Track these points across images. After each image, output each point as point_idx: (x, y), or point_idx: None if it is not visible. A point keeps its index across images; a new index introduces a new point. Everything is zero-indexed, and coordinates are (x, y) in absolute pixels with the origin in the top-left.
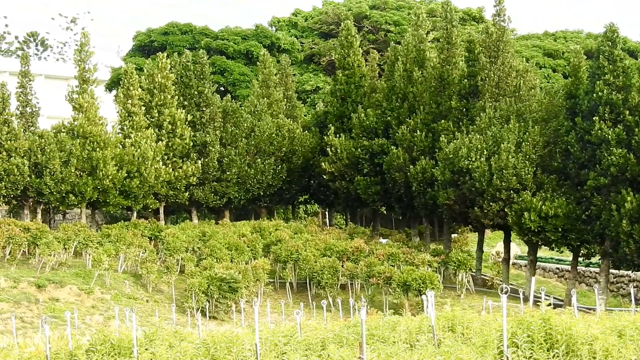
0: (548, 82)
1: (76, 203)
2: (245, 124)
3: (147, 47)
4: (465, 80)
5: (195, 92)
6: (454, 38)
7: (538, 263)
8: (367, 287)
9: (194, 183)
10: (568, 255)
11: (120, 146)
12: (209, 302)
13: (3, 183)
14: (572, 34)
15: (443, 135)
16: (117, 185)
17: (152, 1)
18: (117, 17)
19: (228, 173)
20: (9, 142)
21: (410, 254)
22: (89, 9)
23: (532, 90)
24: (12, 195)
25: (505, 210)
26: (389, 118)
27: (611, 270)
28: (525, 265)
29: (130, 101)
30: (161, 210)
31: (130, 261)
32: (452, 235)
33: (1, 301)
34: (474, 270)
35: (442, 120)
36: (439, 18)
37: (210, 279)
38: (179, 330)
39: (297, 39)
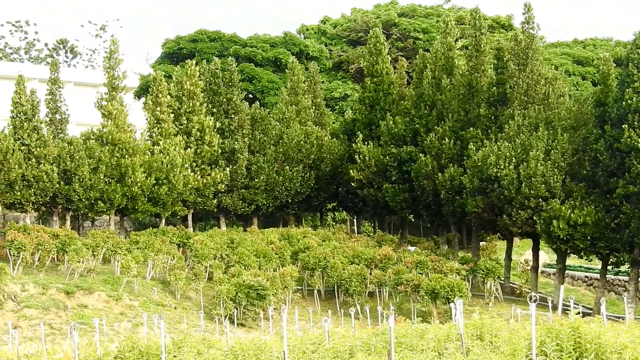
0: (577, 90)
1: (105, 210)
2: (274, 131)
3: (175, 55)
4: (494, 87)
5: (224, 100)
6: (482, 45)
7: (567, 271)
8: (395, 295)
9: (222, 190)
10: (597, 264)
11: (149, 153)
12: (237, 309)
13: (32, 190)
14: (602, 41)
15: (471, 143)
16: (145, 192)
17: (180, 9)
18: (146, 24)
19: (256, 180)
20: (38, 148)
21: (438, 262)
22: (118, 16)
23: (561, 97)
24: (41, 202)
25: (534, 218)
26: (417, 125)
27: None
28: (554, 274)
29: (159, 108)
30: (189, 217)
31: (158, 268)
32: (481, 243)
33: (30, 307)
34: (502, 279)
35: (471, 128)
36: (467, 26)
37: (238, 286)
38: (207, 338)
39: (326, 46)
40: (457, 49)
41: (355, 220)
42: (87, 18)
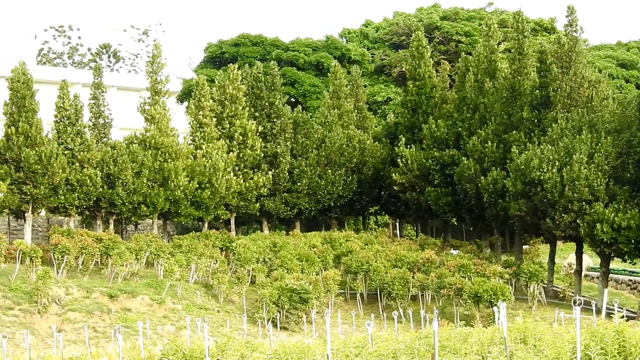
0: (621, 93)
1: (148, 214)
2: (316, 135)
3: (218, 59)
4: (537, 90)
5: (266, 103)
6: (525, 48)
7: (610, 275)
8: (438, 299)
9: (265, 194)
10: None
11: (192, 157)
12: (279, 312)
13: (76, 194)
14: None
15: (514, 146)
16: (188, 196)
17: (222, 12)
18: (188, 29)
19: (299, 184)
20: (82, 153)
21: (481, 265)
22: (160, 21)
23: (605, 100)
24: (85, 206)
25: (577, 221)
26: (459, 129)
27: None
28: (598, 277)
29: (201, 112)
30: (232, 221)
31: (201, 272)
32: (524, 247)
33: (74, 311)
34: (546, 282)
35: (514, 131)
36: (510, 29)
37: (281, 289)
38: (250, 341)
39: (368, 50)
40: (500, 52)
41: (397, 223)
42: (130, 23)
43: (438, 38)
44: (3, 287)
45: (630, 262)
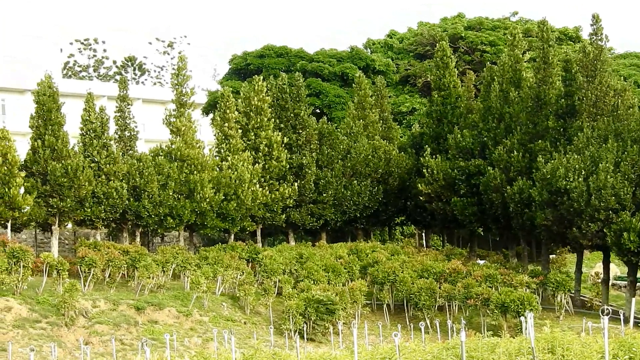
0: None
1: (174, 226)
2: (341, 146)
3: (243, 70)
4: (562, 99)
5: (292, 115)
6: (550, 58)
7: (638, 284)
8: (465, 309)
9: (291, 205)
10: None
11: (217, 169)
12: (306, 324)
13: (102, 206)
14: None
15: (540, 156)
16: (214, 208)
17: (247, 25)
18: (213, 41)
19: (324, 195)
20: (108, 165)
21: (508, 275)
22: (185, 33)
23: (631, 109)
24: (111, 219)
25: (604, 230)
26: (485, 138)
27: None
28: (625, 286)
29: (226, 124)
30: (258, 233)
31: (227, 283)
32: (550, 256)
33: (101, 323)
34: (573, 291)
35: (539, 140)
36: (535, 38)
37: (307, 300)
38: (278, 352)
39: (393, 60)
40: (525, 61)
41: (423, 234)
42: (155, 35)
43: (463, 48)
44: (30, 300)
45: None
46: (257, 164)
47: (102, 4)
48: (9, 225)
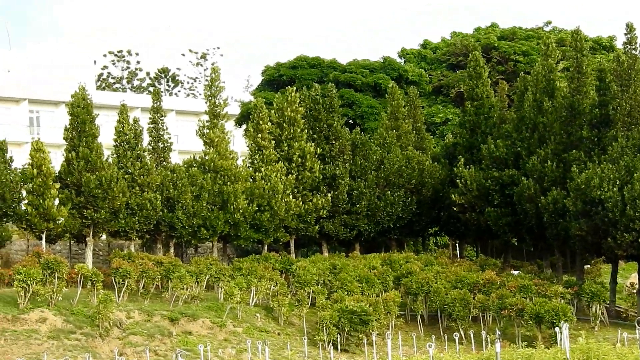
0: None
1: (208, 237)
2: (375, 157)
3: (275, 81)
4: (597, 109)
5: (325, 125)
6: (584, 67)
7: None
8: (499, 320)
9: (324, 216)
10: None
11: (251, 180)
12: (340, 334)
13: (136, 217)
14: None
15: (574, 165)
16: (248, 219)
17: (280, 36)
18: (245, 52)
19: (358, 205)
20: (142, 177)
21: (542, 286)
22: (218, 44)
23: None
24: (145, 230)
25: (639, 240)
26: (518, 149)
27: None
28: None
29: (260, 135)
30: (292, 243)
31: (261, 294)
32: (585, 267)
33: (135, 334)
34: (608, 302)
35: (573, 150)
36: (568, 47)
37: (341, 311)
38: None
39: (426, 70)
40: (559, 71)
41: (457, 244)
42: (188, 47)
43: (496, 58)
44: (65, 311)
45: None
46: (290, 175)
47: (137, 17)
48: (43, 236)
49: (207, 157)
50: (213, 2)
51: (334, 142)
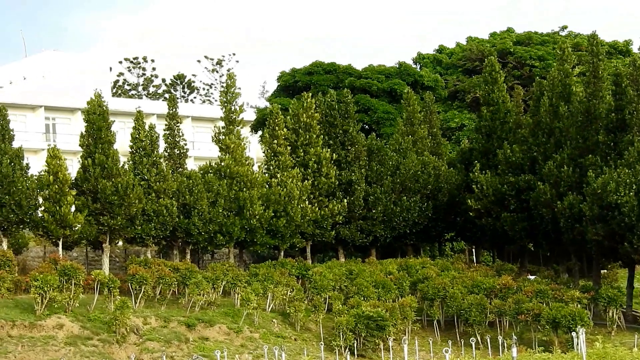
0: None
1: (224, 243)
2: (391, 162)
3: (291, 87)
4: (613, 114)
5: (340, 131)
6: (600, 72)
7: None
8: (516, 324)
9: (340, 221)
10: None
11: (267, 186)
12: (356, 340)
13: (153, 224)
14: None
15: (590, 170)
16: (264, 225)
17: (295, 42)
18: (261, 58)
19: (374, 211)
20: (158, 183)
21: (559, 291)
22: (233, 50)
23: None
24: (161, 236)
25: None
26: (535, 154)
27: None
28: None
29: (275, 141)
30: (308, 249)
31: (278, 300)
32: (602, 271)
33: (152, 340)
34: (624, 307)
35: (590, 155)
36: (584, 52)
37: (357, 317)
38: None
39: (441, 75)
40: (575, 76)
41: (473, 249)
42: (204, 53)
43: (511, 63)
44: (82, 317)
45: None
46: (306, 181)
47: (153, 24)
48: (60, 243)
49: (223, 163)
50: (229, 8)
51: (349, 147)
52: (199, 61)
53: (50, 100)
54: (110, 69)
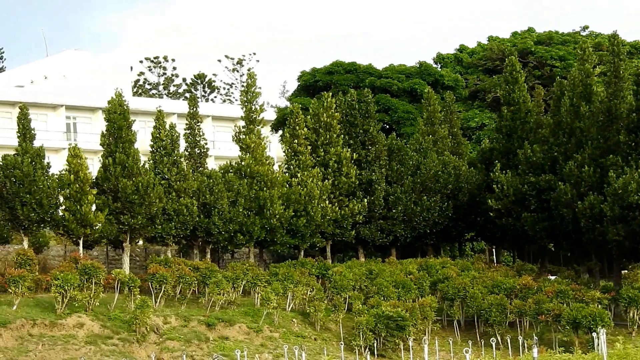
0: None
1: (244, 242)
2: (411, 162)
3: (311, 87)
4: (634, 114)
5: (361, 131)
6: (621, 71)
7: None
8: (536, 325)
9: (360, 221)
10: None
11: (287, 185)
12: (376, 340)
13: (173, 223)
14: None
15: (611, 170)
16: (284, 224)
17: (315, 41)
18: (281, 57)
19: (394, 211)
20: (178, 182)
21: (579, 291)
22: (254, 50)
23: None
24: (181, 235)
25: None
26: (555, 154)
27: None
28: None
29: (296, 141)
30: (328, 249)
31: (298, 300)
32: (622, 272)
33: (172, 340)
34: None
35: (611, 155)
36: (605, 52)
37: (377, 317)
38: None
39: (462, 75)
40: (595, 76)
41: (494, 249)
42: (224, 52)
43: (532, 63)
44: (102, 316)
45: None
46: (326, 180)
47: (173, 24)
48: (80, 242)
49: (243, 163)
50: (249, 7)
51: (370, 147)
52: (219, 60)
53: (71, 99)
54: (131, 68)
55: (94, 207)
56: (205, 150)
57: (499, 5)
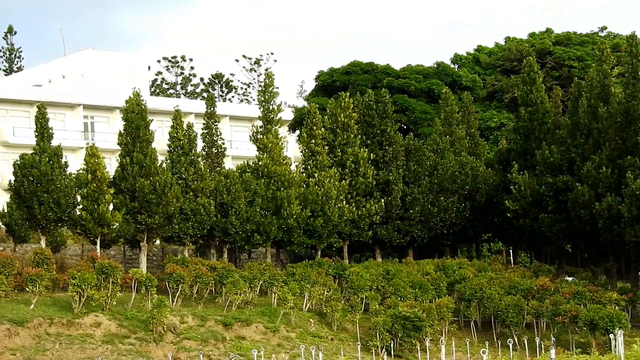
0: None
1: (261, 242)
2: (428, 162)
3: (329, 87)
4: None
5: (378, 131)
6: (639, 73)
7: None
8: (553, 326)
9: (377, 221)
10: None
11: (304, 185)
12: (393, 340)
13: (190, 223)
14: None
15: (629, 171)
16: (301, 225)
17: (333, 41)
18: (299, 57)
19: (411, 211)
20: (195, 182)
21: (596, 292)
22: (272, 50)
23: None
24: (198, 235)
25: None
26: (573, 154)
27: None
28: None
29: (313, 141)
30: (345, 249)
31: (314, 300)
32: None
33: (189, 339)
34: None
35: (628, 156)
36: (623, 53)
37: (394, 317)
38: None
39: (480, 75)
40: (613, 77)
41: (511, 250)
42: (242, 52)
43: (550, 63)
44: (119, 315)
45: None
46: (343, 181)
47: (191, 24)
48: (98, 241)
49: (260, 163)
50: (267, 7)
51: (387, 147)
52: (237, 60)
53: (88, 98)
54: (149, 67)
55: (111, 207)
56: (222, 150)
57: (516, 5)
